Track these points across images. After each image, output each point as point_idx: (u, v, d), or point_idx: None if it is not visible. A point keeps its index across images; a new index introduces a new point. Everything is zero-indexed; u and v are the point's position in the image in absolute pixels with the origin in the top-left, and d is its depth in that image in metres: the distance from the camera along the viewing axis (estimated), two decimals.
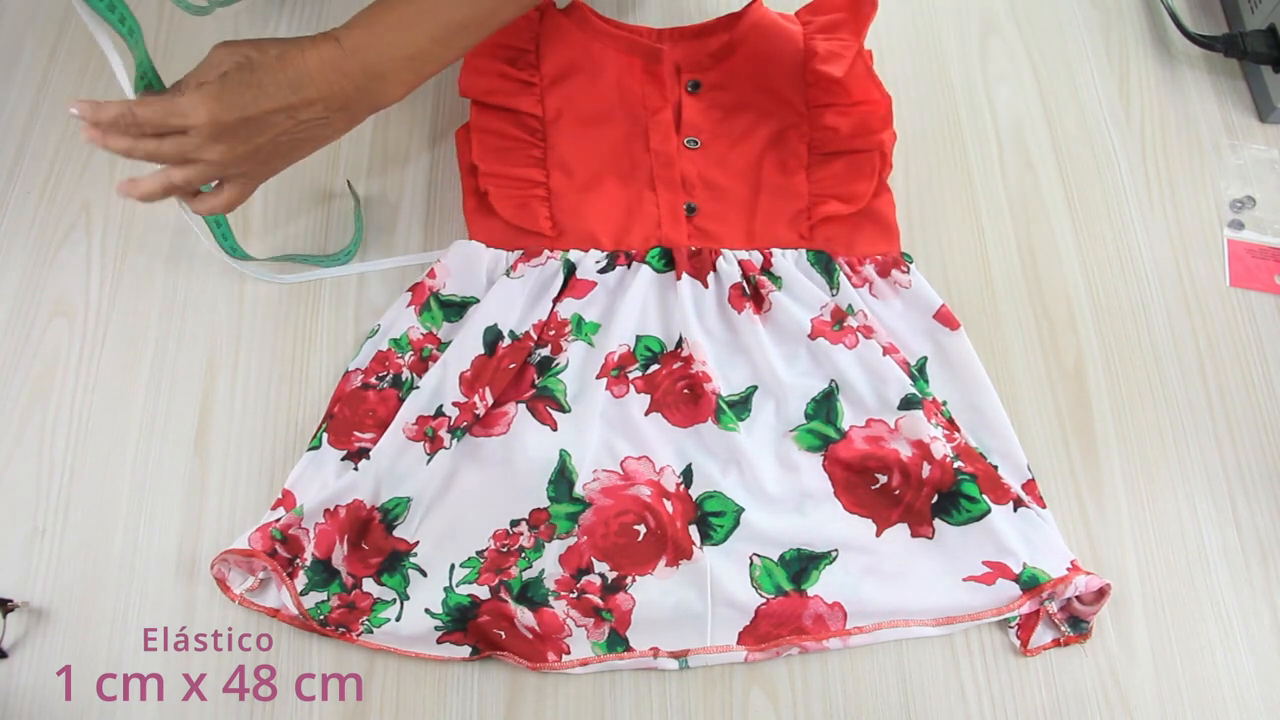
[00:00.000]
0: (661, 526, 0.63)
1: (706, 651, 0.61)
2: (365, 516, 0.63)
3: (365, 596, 0.61)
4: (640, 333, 0.68)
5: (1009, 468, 0.66)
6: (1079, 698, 0.61)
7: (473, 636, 0.60)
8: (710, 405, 0.66)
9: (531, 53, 0.76)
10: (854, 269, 0.71)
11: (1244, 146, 0.79)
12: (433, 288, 0.70)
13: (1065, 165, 0.78)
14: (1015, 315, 0.72)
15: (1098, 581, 0.61)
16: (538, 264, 0.70)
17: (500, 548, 0.63)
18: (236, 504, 0.65)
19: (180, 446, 0.66)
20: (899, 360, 0.67)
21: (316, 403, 0.68)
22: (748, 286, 0.70)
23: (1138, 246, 0.75)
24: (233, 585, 0.61)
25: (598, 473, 0.64)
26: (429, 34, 0.59)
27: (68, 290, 0.71)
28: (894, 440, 0.65)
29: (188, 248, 0.73)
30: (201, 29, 0.82)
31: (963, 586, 0.62)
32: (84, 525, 0.64)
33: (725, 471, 0.64)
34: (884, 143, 0.73)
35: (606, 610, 0.61)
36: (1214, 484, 0.67)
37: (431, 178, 0.76)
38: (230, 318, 0.71)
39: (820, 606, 0.61)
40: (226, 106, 0.55)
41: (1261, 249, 0.75)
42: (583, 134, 0.74)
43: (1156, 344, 0.72)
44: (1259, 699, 0.61)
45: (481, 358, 0.67)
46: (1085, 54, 0.83)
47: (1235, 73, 0.83)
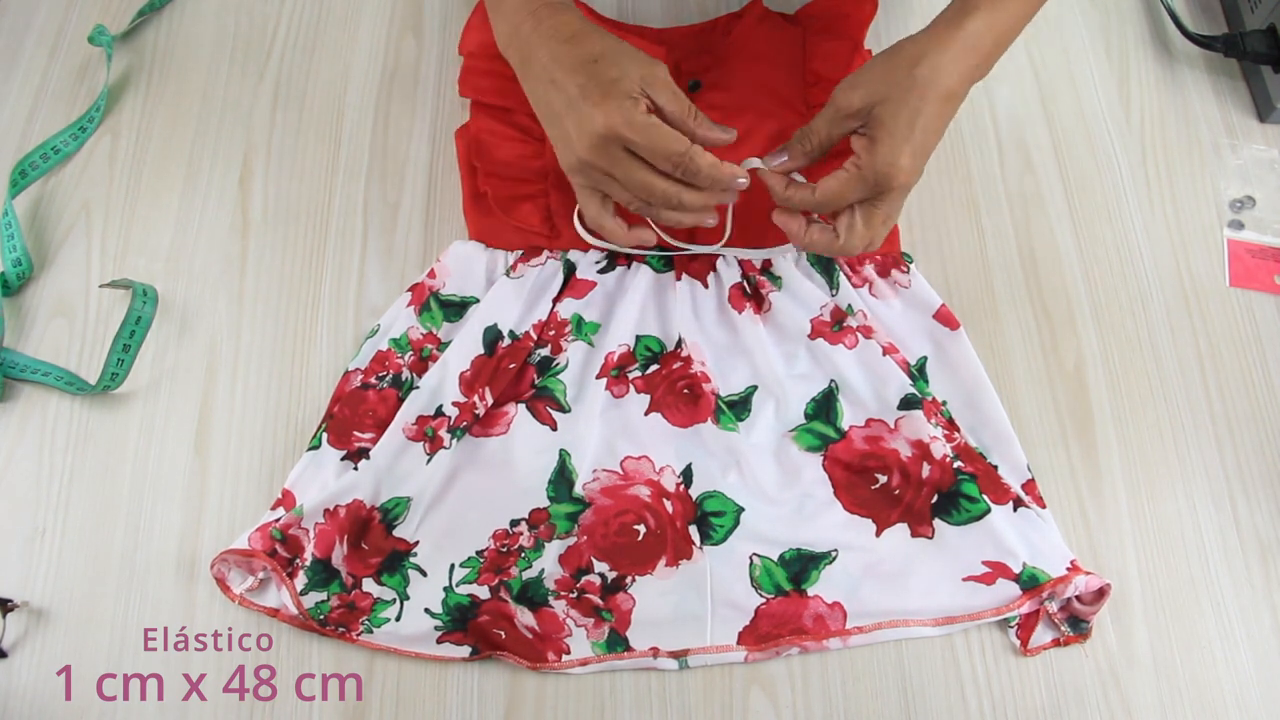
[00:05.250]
0: (661, 526, 0.63)
1: (706, 651, 0.61)
2: (365, 516, 0.63)
3: (365, 596, 0.61)
4: (640, 333, 0.68)
5: (1009, 468, 0.66)
6: (1079, 698, 0.61)
7: (473, 636, 0.60)
8: (710, 405, 0.66)
9: None
10: (854, 269, 0.71)
11: (1244, 146, 0.79)
12: (432, 287, 0.70)
13: (1065, 165, 0.78)
14: (1015, 315, 0.72)
15: (1097, 581, 0.61)
16: (537, 264, 0.70)
17: (500, 548, 0.63)
18: (236, 504, 0.65)
19: (180, 446, 0.66)
20: (899, 360, 0.67)
21: (316, 403, 0.68)
22: (748, 286, 0.70)
23: (1137, 246, 0.75)
24: (233, 585, 0.61)
25: (597, 473, 0.64)
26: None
27: (68, 290, 0.71)
28: (894, 440, 0.65)
29: (186, 248, 0.73)
30: (202, 24, 0.82)
31: (962, 586, 0.62)
32: (84, 525, 0.64)
33: (725, 471, 0.64)
34: None
35: (606, 610, 0.61)
36: (1214, 484, 0.67)
37: (431, 178, 0.76)
38: (230, 318, 0.71)
39: (820, 606, 0.61)
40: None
41: (1261, 249, 0.75)
42: None
43: (1156, 344, 0.72)
44: (1259, 699, 0.61)
45: (481, 358, 0.67)
46: (1085, 54, 0.83)
47: (1235, 73, 0.83)
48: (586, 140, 0.56)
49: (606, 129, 0.55)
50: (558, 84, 0.57)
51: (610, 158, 0.57)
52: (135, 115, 0.78)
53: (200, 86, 0.80)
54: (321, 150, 0.77)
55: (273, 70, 0.80)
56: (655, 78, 0.57)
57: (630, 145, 0.56)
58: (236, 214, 0.74)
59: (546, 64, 0.59)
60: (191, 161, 0.76)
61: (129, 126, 0.78)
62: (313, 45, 0.82)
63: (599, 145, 0.56)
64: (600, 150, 0.57)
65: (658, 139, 0.56)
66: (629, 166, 0.57)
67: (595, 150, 0.57)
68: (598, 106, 0.55)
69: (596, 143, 0.56)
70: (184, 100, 0.79)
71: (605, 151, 0.57)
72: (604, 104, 0.55)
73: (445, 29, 0.83)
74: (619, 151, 0.57)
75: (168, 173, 0.76)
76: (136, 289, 0.68)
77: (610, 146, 0.56)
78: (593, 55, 0.57)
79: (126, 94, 0.79)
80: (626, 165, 0.57)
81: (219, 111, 0.78)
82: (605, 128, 0.55)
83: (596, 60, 0.57)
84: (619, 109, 0.55)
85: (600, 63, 0.57)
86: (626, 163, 0.57)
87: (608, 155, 0.57)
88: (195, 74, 0.80)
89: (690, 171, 0.57)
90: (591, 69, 0.57)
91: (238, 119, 0.78)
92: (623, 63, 0.57)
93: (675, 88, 0.58)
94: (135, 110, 0.78)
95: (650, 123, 0.56)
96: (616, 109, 0.55)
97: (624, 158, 0.57)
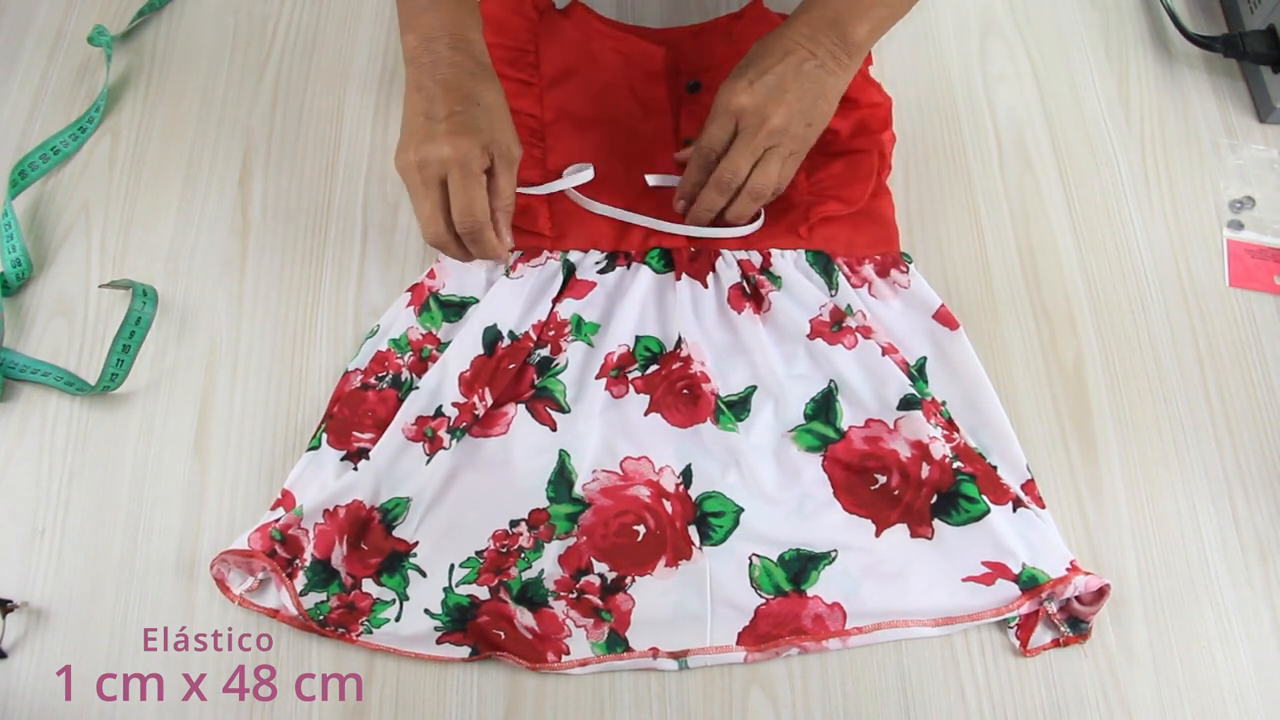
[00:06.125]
0: (661, 527, 0.63)
1: (706, 652, 0.61)
2: (365, 517, 0.63)
3: (365, 597, 0.61)
4: (640, 333, 0.68)
5: (1008, 468, 0.66)
6: (1078, 698, 0.61)
7: (472, 637, 0.60)
8: (709, 405, 0.66)
9: (531, 53, 0.76)
10: (853, 269, 0.71)
11: (1243, 146, 0.79)
12: (432, 288, 0.70)
13: (1065, 165, 0.78)
14: (1015, 315, 0.72)
15: (1097, 581, 0.61)
16: (537, 264, 0.70)
17: (500, 548, 0.63)
18: (236, 504, 0.65)
19: (180, 447, 0.66)
20: (898, 360, 0.67)
21: (316, 403, 0.68)
22: (747, 286, 0.70)
23: (1137, 246, 0.75)
24: (232, 585, 0.61)
25: (597, 473, 0.64)
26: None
27: (67, 290, 0.71)
28: (893, 441, 0.65)
29: (186, 248, 0.73)
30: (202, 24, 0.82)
31: (962, 587, 0.62)
32: (84, 525, 0.64)
33: (725, 472, 0.64)
34: (883, 143, 0.73)
35: (606, 610, 0.61)
36: (1214, 484, 0.67)
37: None
38: (230, 318, 0.71)
39: (820, 607, 0.61)
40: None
41: (1261, 249, 0.75)
42: (582, 134, 0.74)
43: (1156, 344, 0.72)
44: (1259, 699, 0.61)
45: (481, 358, 0.67)
46: (1085, 54, 0.83)
47: (1235, 73, 0.83)
48: (424, 156, 0.60)
49: (441, 161, 0.60)
50: (437, 100, 0.61)
51: (428, 178, 0.61)
52: (135, 115, 0.78)
53: (200, 86, 0.80)
54: (321, 150, 0.77)
55: (272, 70, 0.80)
56: (512, 156, 0.63)
57: (449, 184, 0.61)
58: (236, 214, 0.74)
59: (444, 78, 0.62)
60: (191, 161, 0.76)
61: (129, 126, 0.78)
62: (312, 45, 0.82)
63: (428, 166, 0.60)
64: (426, 170, 0.61)
65: (469, 198, 0.60)
66: (436, 194, 0.61)
67: (422, 168, 0.61)
68: (450, 139, 0.60)
69: (429, 163, 0.60)
70: (184, 100, 0.79)
71: (429, 173, 0.61)
72: (456, 141, 0.60)
73: None
74: (436, 180, 0.61)
75: (167, 173, 0.76)
76: (136, 289, 0.68)
77: (434, 170, 0.60)
78: (482, 103, 0.62)
79: (126, 94, 0.79)
80: (436, 192, 0.61)
81: (219, 111, 0.78)
82: (440, 160, 0.60)
83: (480, 106, 0.62)
84: (465, 153, 0.60)
85: (481, 109, 0.62)
86: (437, 191, 0.61)
87: (428, 176, 0.61)
88: (195, 74, 0.80)
89: (472, 239, 0.62)
90: (473, 111, 0.61)
91: (237, 119, 0.78)
92: (497, 124, 0.62)
93: (514, 179, 0.63)
94: (135, 110, 0.78)
95: (475, 181, 0.60)
96: (464, 151, 0.60)
97: (437, 186, 0.61)
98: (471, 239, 0.62)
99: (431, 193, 0.61)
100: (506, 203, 0.63)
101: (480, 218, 0.61)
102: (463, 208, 0.60)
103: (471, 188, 0.60)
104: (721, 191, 0.67)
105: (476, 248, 0.63)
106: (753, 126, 0.64)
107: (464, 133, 0.60)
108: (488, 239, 0.62)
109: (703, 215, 0.69)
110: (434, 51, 0.63)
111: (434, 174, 0.60)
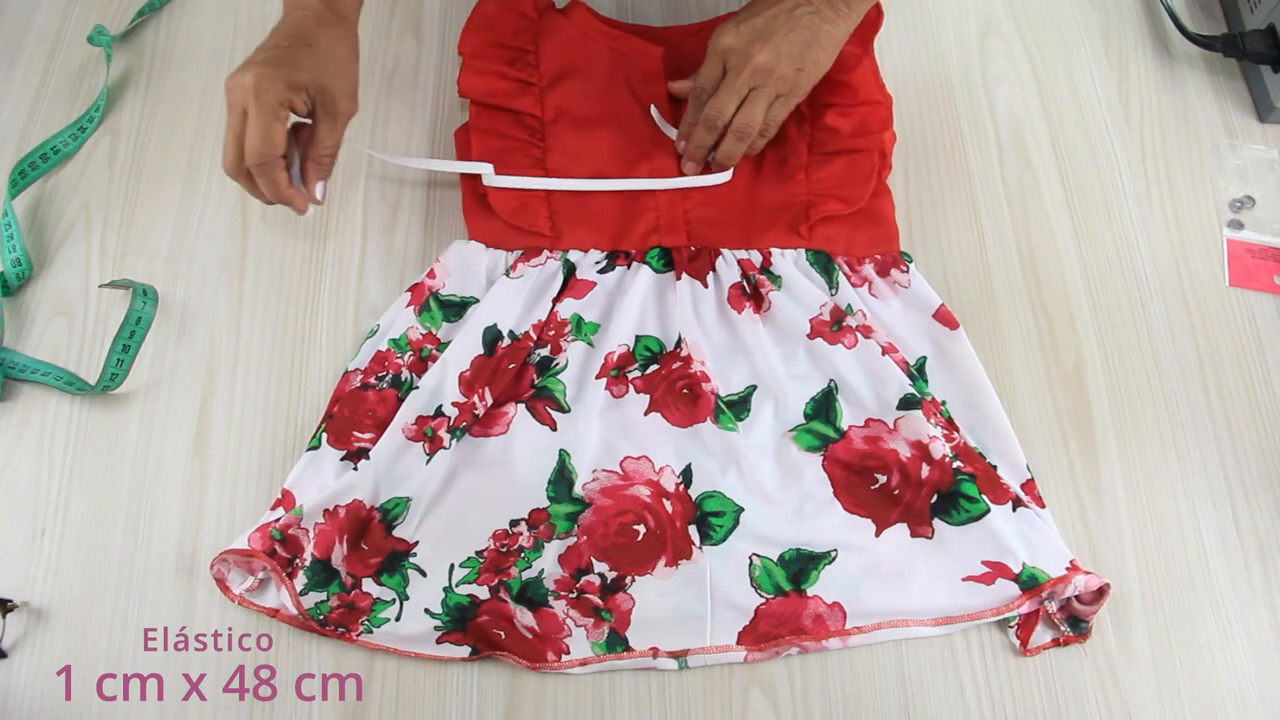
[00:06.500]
0: (661, 527, 0.63)
1: (706, 651, 0.61)
2: (365, 517, 0.63)
3: (365, 596, 0.61)
4: (640, 333, 0.68)
5: (1008, 468, 0.66)
6: (1078, 698, 0.61)
7: (472, 637, 0.60)
8: (709, 405, 0.66)
9: (531, 53, 0.76)
10: (853, 268, 0.71)
11: (1243, 146, 0.79)
12: (432, 288, 0.70)
13: (1065, 165, 0.78)
14: (1015, 315, 0.72)
15: (1097, 581, 0.61)
16: (537, 264, 0.70)
17: (500, 548, 0.63)
18: (236, 504, 0.65)
19: (180, 447, 0.66)
20: (898, 360, 0.67)
21: (316, 403, 0.68)
22: (747, 286, 0.70)
23: (1137, 246, 0.75)
24: (232, 585, 0.61)
25: (597, 473, 0.64)
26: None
27: (67, 290, 0.71)
28: (893, 440, 0.65)
29: (186, 248, 0.73)
30: (201, 24, 0.82)
31: (962, 586, 0.62)
32: (84, 525, 0.64)
33: (725, 471, 0.64)
34: (884, 143, 0.73)
35: (606, 610, 0.61)
36: (1214, 484, 0.67)
37: (431, 178, 0.76)
38: (230, 318, 0.71)
39: (820, 606, 0.61)
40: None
41: (1261, 249, 0.75)
42: (582, 134, 0.74)
43: (1156, 344, 0.72)
44: (1259, 699, 0.61)
45: (481, 358, 0.67)
46: (1085, 54, 0.83)
47: (1235, 73, 0.83)
48: (231, 82, 0.59)
49: (242, 88, 0.59)
50: (273, 36, 0.62)
51: (231, 104, 0.59)
52: (135, 115, 0.78)
53: (200, 86, 0.80)
54: None
55: None
56: (336, 106, 0.61)
57: (247, 115, 0.59)
58: (236, 214, 0.74)
59: (294, 19, 0.63)
60: (191, 161, 0.76)
61: (128, 126, 0.78)
62: None
63: (231, 92, 0.59)
64: (230, 95, 0.59)
65: (259, 131, 0.59)
66: (236, 123, 0.60)
67: (228, 93, 0.59)
68: (256, 68, 0.59)
69: (232, 89, 0.59)
70: (183, 100, 0.79)
71: (232, 99, 0.59)
72: (261, 71, 0.59)
73: (445, 29, 0.83)
74: (239, 107, 0.59)
75: (167, 173, 0.76)
76: (136, 289, 0.68)
77: (236, 97, 0.59)
78: (314, 45, 0.61)
79: (126, 94, 0.79)
80: (237, 120, 0.60)
81: (219, 111, 0.78)
82: (241, 87, 0.59)
83: (311, 47, 0.61)
84: (266, 85, 0.58)
85: (310, 50, 0.61)
86: (238, 120, 0.60)
87: (232, 102, 0.59)
88: (195, 74, 0.80)
89: (261, 176, 0.61)
90: (299, 50, 0.61)
91: None
92: (327, 69, 0.61)
93: (337, 131, 0.62)
94: (135, 110, 0.78)
95: (270, 115, 0.59)
96: (265, 82, 0.58)
97: (240, 114, 0.59)
98: (260, 174, 0.61)
99: (233, 121, 0.60)
100: (322, 153, 0.62)
101: (266, 153, 0.59)
102: (251, 140, 0.59)
103: (265, 120, 0.59)
104: (709, 129, 0.69)
105: (267, 187, 0.61)
106: (737, 66, 0.67)
107: (274, 65, 0.59)
108: (277, 180, 0.61)
109: (696, 154, 0.71)
110: (303, 3, 0.63)
111: (236, 100, 0.59)
